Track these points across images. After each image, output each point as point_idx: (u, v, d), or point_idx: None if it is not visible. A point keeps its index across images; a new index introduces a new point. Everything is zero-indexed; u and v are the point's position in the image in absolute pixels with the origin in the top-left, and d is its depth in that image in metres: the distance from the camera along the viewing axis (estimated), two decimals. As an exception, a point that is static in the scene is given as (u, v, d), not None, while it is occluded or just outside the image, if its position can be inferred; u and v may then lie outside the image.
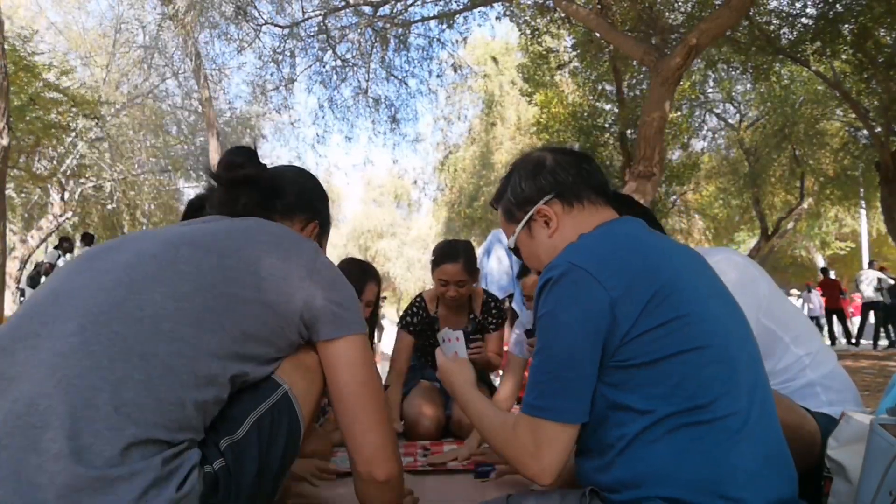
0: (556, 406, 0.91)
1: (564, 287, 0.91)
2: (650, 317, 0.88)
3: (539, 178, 1.09)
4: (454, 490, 1.69)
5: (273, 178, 1.13)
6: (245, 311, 0.87)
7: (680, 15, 8.70)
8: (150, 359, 0.78)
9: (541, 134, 12.95)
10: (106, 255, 0.91)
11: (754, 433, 0.88)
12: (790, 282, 21.85)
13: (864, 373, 5.97)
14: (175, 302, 0.83)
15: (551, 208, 1.07)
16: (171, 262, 0.87)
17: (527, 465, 0.94)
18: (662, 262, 0.94)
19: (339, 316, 0.97)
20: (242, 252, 0.92)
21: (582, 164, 1.09)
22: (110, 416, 0.73)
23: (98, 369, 0.75)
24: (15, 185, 12.39)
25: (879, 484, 0.94)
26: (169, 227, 0.98)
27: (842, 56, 8.93)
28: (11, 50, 8.91)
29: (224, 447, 0.84)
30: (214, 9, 9.57)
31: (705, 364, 0.88)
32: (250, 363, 0.88)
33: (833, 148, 12.62)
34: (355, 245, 29.87)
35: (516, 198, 1.11)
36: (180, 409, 0.78)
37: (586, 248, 0.97)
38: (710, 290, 0.98)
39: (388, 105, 10.96)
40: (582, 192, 1.07)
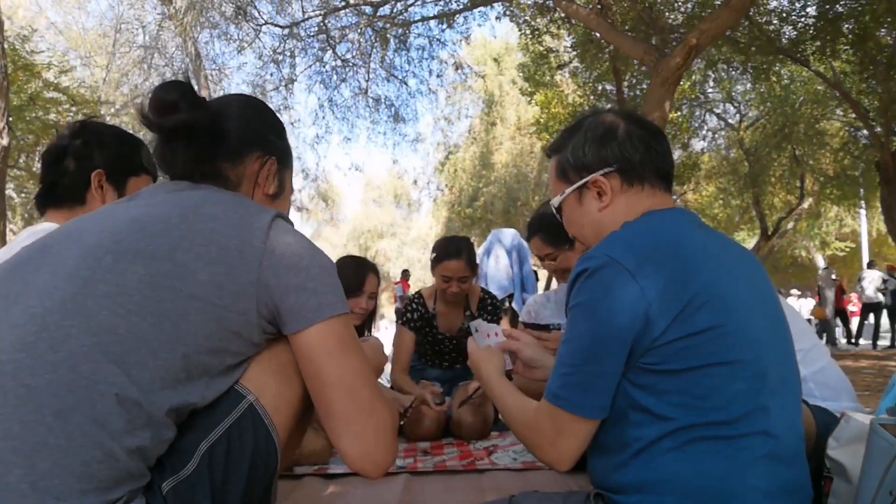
0: (575, 399, 0.90)
1: (599, 281, 0.88)
2: (684, 323, 0.84)
3: (606, 148, 1.01)
4: (454, 490, 1.69)
5: (212, 117, 0.94)
6: (183, 326, 0.75)
7: (680, 15, 8.70)
8: (69, 414, 0.67)
9: (541, 134, 12.95)
10: (22, 274, 0.77)
11: (777, 456, 0.86)
12: (790, 282, 21.86)
13: (864, 373, 5.97)
14: (93, 336, 0.70)
15: (609, 182, 1.01)
16: (88, 282, 0.74)
17: (545, 451, 0.94)
18: (706, 265, 0.90)
19: (302, 304, 0.83)
20: (177, 250, 0.78)
21: (652, 143, 1.02)
22: (27, 495, 0.64)
23: (7, 438, 0.65)
24: (15, 185, 12.39)
25: (879, 484, 0.93)
26: (98, 218, 0.84)
27: (842, 56, 8.93)
28: (11, 49, 8.91)
29: (167, 491, 0.73)
30: (214, 9, 9.58)
31: (736, 379, 0.85)
32: (199, 383, 0.77)
33: (833, 148, 12.61)
34: (355, 245, 29.88)
35: (576, 160, 1.04)
36: (112, 464, 0.68)
37: (627, 241, 0.92)
38: (752, 300, 0.93)
39: (388, 105, 10.98)
40: (646, 173, 1.01)
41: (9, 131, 6.24)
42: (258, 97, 8.02)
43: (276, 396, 0.85)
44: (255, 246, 0.82)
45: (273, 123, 1.04)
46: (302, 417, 0.93)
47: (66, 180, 1.38)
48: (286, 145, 1.06)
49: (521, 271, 4.52)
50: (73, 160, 1.36)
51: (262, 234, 0.83)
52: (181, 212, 0.83)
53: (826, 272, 12.03)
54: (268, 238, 0.83)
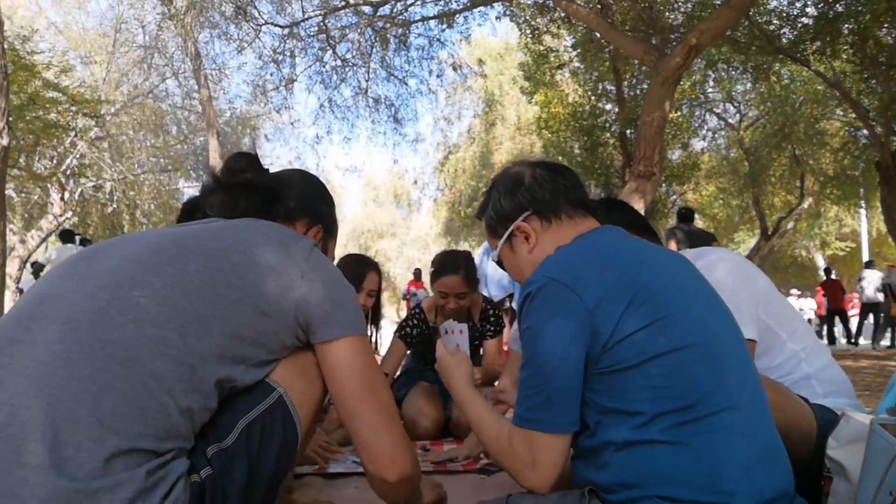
0: (544, 418, 0.93)
1: (542, 301, 0.94)
2: (629, 321, 0.89)
3: (517, 195, 1.11)
4: (454, 490, 1.69)
5: (274, 183, 1.11)
6: (233, 313, 0.85)
7: (680, 15, 8.70)
8: (133, 365, 0.76)
9: (541, 133, 12.96)
10: (92, 259, 0.89)
11: (745, 427, 0.89)
12: (790, 282, 21.86)
13: (864, 373, 5.97)
14: (158, 306, 0.81)
15: (529, 224, 1.09)
16: (156, 265, 0.85)
17: (525, 477, 0.96)
18: (638, 268, 0.96)
19: (334, 317, 0.94)
20: (232, 252, 0.89)
21: (558, 180, 1.11)
22: (92, 427, 0.72)
23: (80, 379, 0.74)
24: (15, 185, 12.39)
25: (879, 484, 0.93)
26: (159, 230, 0.97)
27: (842, 56, 8.94)
28: (11, 49, 8.91)
29: (211, 455, 0.82)
30: (214, 9, 9.59)
31: (689, 363, 0.89)
32: (239, 366, 0.86)
33: (833, 148, 12.61)
34: (355, 245, 29.88)
35: (497, 214, 1.14)
36: (165, 417, 0.77)
37: (561, 260, 0.99)
38: (691, 291, 0.99)
39: (388, 105, 10.98)
40: (560, 207, 1.09)
41: (9, 131, 6.24)
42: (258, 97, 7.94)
43: (300, 393, 0.94)
44: (299, 261, 0.94)
45: (325, 196, 1.21)
46: (314, 418, 1.00)
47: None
48: (334, 217, 1.23)
49: (521, 271, 4.51)
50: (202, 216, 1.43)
51: (305, 253, 0.96)
52: (235, 227, 0.97)
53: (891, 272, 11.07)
54: (311, 256, 0.96)
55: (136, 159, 14.86)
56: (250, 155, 1.11)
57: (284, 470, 0.92)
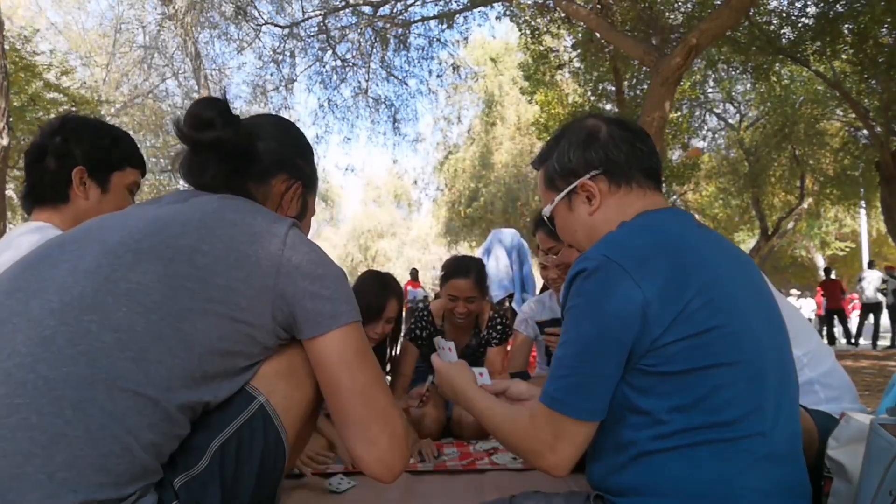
0: (574, 402, 0.89)
1: (596, 282, 0.87)
2: (685, 324, 0.84)
3: (589, 151, 1.02)
4: (454, 490, 1.69)
5: (245, 137, 0.97)
6: (199, 326, 0.76)
7: (680, 15, 8.70)
8: (87, 407, 0.67)
9: (541, 134, 12.95)
10: (40, 270, 0.78)
11: (776, 457, 0.86)
12: (790, 282, 21.86)
13: (864, 373, 5.97)
14: (113, 332, 0.71)
15: (597, 185, 1.01)
16: (108, 280, 0.74)
17: (543, 457, 0.92)
18: (704, 265, 0.89)
19: (318, 311, 0.85)
20: (196, 252, 0.79)
21: (636, 143, 1.02)
22: (44, 485, 0.64)
23: (25, 428, 0.65)
24: (15, 186, 12.39)
25: (879, 484, 0.93)
26: (120, 219, 0.86)
27: (842, 56, 8.94)
28: (12, 50, 8.91)
29: (179, 486, 0.75)
30: (214, 9, 9.58)
31: (735, 381, 0.85)
32: (212, 384, 0.78)
33: (833, 148, 12.61)
34: (355, 245, 29.88)
35: (562, 167, 1.04)
36: (129, 459, 0.69)
37: (624, 241, 0.91)
38: (751, 300, 0.93)
39: (388, 105, 10.98)
40: (632, 172, 1.00)
41: (9, 132, 6.24)
42: (258, 97, 7.88)
43: (286, 398, 0.86)
44: (273, 253, 0.84)
45: (303, 148, 1.08)
46: (308, 420, 0.94)
47: (48, 178, 1.35)
48: (313, 170, 1.09)
49: (520, 271, 4.52)
50: (54, 158, 1.33)
51: (279, 242, 0.85)
52: (201, 216, 0.84)
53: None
54: (285, 246, 0.85)
55: (136, 159, 14.86)
56: (219, 101, 0.95)
57: (269, 484, 0.85)
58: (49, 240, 0.86)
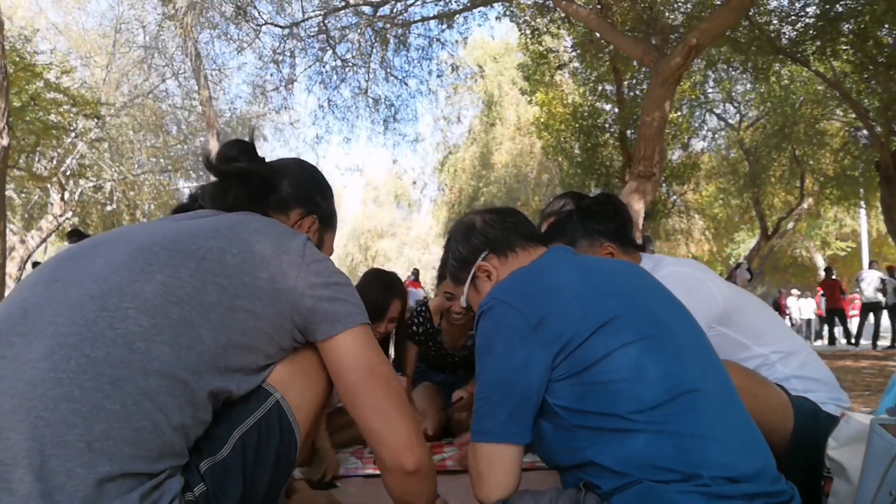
0: (486, 428, 0.97)
1: (489, 320, 1.01)
2: (578, 329, 0.93)
3: (472, 239, 1.19)
4: (454, 490, 1.69)
5: (268, 171, 1.08)
6: (226, 320, 0.83)
7: (680, 15, 8.71)
8: (124, 384, 0.73)
9: (541, 134, 12.96)
10: (76, 263, 0.84)
11: (717, 408, 0.91)
12: (790, 282, 21.86)
13: (864, 373, 5.97)
14: (149, 318, 0.77)
15: (489, 262, 1.17)
16: (145, 272, 0.81)
17: (476, 489, 1.00)
18: (585, 279, 1.01)
19: (333, 312, 0.92)
20: (226, 253, 0.87)
21: (507, 219, 1.20)
22: (83, 453, 0.69)
23: (69, 400, 0.70)
24: (15, 185, 12.40)
25: (879, 484, 0.94)
26: (149, 226, 0.93)
27: (842, 56, 8.93)
28: (11, 50, 8.91)
29: (204, 470, 0.80)
30: (214, 9, 9.59)
31: (647, 351, 0.92)
32: (235, 375, 0.84)
33: (833, 148, 12.61)
34: (355, 245, 29.88)
35: (457, 261, 1.22)
36: (159, 436, 0.74)
37: (509, 282, 1.06)
38: (641, 290, 1.03)
39: (387, 105, 10.98)
40: (513, 241, 1.17)
41: (9, 132, 6.24)
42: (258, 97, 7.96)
43: (299, 397, 0.93)
44: (294, 260, 0.92)
45: (322, 187, 1.17)
46: (317, 419, 0.99)
47: None
48: (331, 208, 1.18)
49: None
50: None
51: (299, 249, 0.94)
52: (228, 224, 0.93)
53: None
54: (304, 255, 0.94)
55: (136, 160, 14.86)
56: (244, 142, 1.07)
57: (282, 476, 0.90)
58: (82, 241, 0.94)
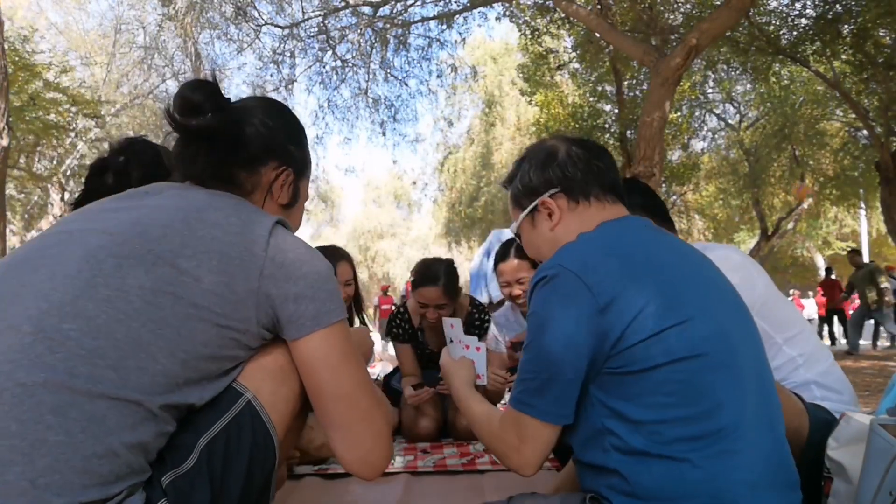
0: (536, 404, 0.93)
1: (553, 289, 0.92)
2: (642, 324, 0.86)
3: (548, 170, 1.08)
4: (454, 490, 1.69)
5: (234, 123, 0.95)
6: (182, 333, 0.76)
7: (680, 15, 8.71)
8: (68, 411, 0.67)
9: (541, 134, 12.96)
10: (18, 275, 0.77)
11: (756, 441, 0.87)
12: (790, 282, 21.85)
13: (864, 373, 5.97)
14: (93, 339, 0.70)
15: (556, 202, 1.06)
16: (89, 285, 0.73)
17: (510, 458, 0.97)
18: (660, 267, 0.93)
19: (301, 313, 0.85)
20: (178, 257, 0.78)
21: (593, 160, 1.07)
22: (26, 492, 0.63)
23: (6, 437, 0.64)
24: (15, 185, 12.40)
25: (879, 484, 0.94)
26: (99, 216, 0.85)
27: (841, 56, 8.93)
28: (11, 50, 8.91)
29: (167, 484, 0.74)
30: (214, 9, 9.58)
31: (702, 372, 0.86)
32: (196, 386, 0.78)
33: (833, 148, 12.61)
34: (355, 245, 29.87)
35: (524, 186, 1.11)
36: (113, 459, 0.68)
37: (580, 250, 0.96)
38: (711, 293, 0.95)
39: (387, 106, 10.98)
40: (590, 189, 1.05)
41: (9, 132, 6.24)
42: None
43: (273, 394, 0.86)
44: (257, 254, 0.83)
45: (294, 132, 1.05)
46: (298, 414, 0.94)
47: (103, 193, 1.42)
48: (305, 155, 1.07)
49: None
50: (113, 175, 1.37)
51: (262, 241, 0.84)
52: (184, 216, 0.83)
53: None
54: (268, 246, 0.85)
55: (136, 160, 14.84)
56: (208, 85, 0.93)
57: (260, 479, 0.85)
58: (30, 241, 0.85)
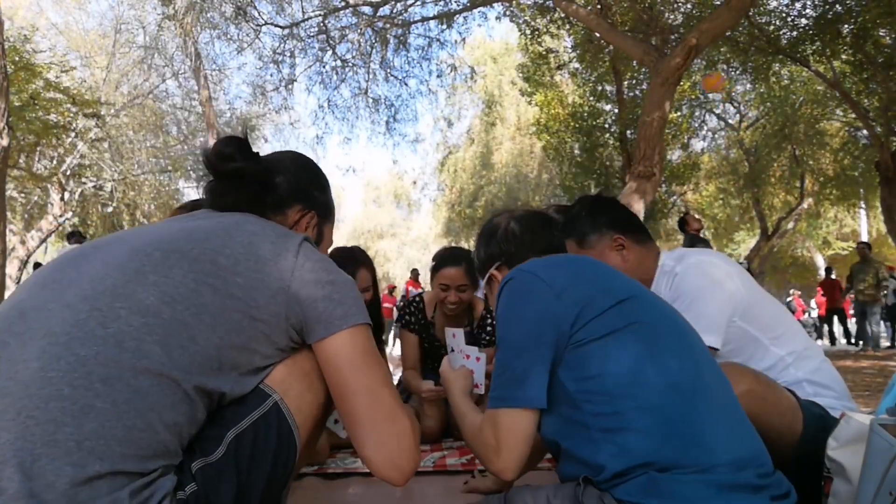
0: (508, 395, 0.98)
1: (513, 288, 1.04)
2: (595, 303, 0.97)
3: (490, 247, 1.26)
4: (454, 490, 1.69)
5: (264, 170, 1.06)
6: (220, 321, 0.82)
7: (680, 15, 8.71)
8: (115, 382, 0.73)
9: (541, 134, 12.97)
10: (75, 265, 0.85)
11: (710, 395, 0.94)
12: (790, 282, 21.85)
13: (864, 373, 5.97)
14: (141, 317, 0.77)
15: (500, 273, 1.23)
16: (138, 272, 0.81)
17: (491, 461, 1.00)
18: (600, 273, 1.07)
19: (328, 312, 0.91)
20: (219, 255, 0.86)
21: (525, 234, 1.24)
22: (72, 452, 0.69)
23: (58, 399, 0.70)
24: (15, 185, 12.40)
25: (879, 484, 0.94)
26: (148, 228, 0.94)
27: (841, 56, 8.95)
28: (11, 49, 8.92)
29: (196, 470, 0.79)
30: (214, 9, 9.58)
31: (656, 336, 0.96)
32: (229, 375, 0.84)
33: (833, 148, 12.62)
34: (355, 245, 29.86)
35: (479, 260, 1.30)
36: (151, 435, 0.74)
37: (533, 262, 1.11)
38: (648, 294, 1.08)
39: (387, 105, 10.98)
40: (526, 256, 1.20)
41: (9, 131, 6.24)
42: (258, 98, 7.97)
43: (298, 398, 0.91)
44: (289, 259, 0.91)
45: (318, 181, 1.17)
46: (318, 423, 0.98)
47: None
48: (328, 200, 1.18)
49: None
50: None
51: (294, 249, 0.93)
52: (224, 226, 0.93)
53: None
54: (299, 254, 0.93)
55: (136, 160, 14.86)
56: (239, 139, 1.05)
57: (280, 480, 0.88)
58: (85, 243, 0.95)
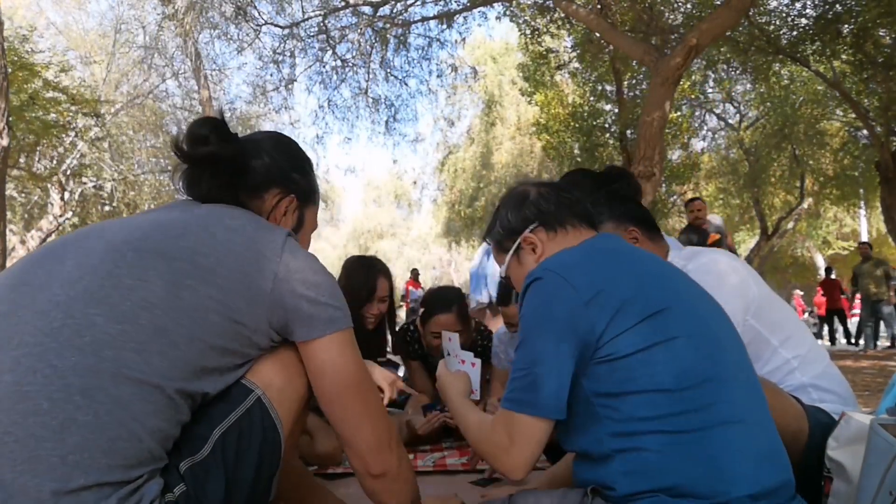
0: (528, 399, 0.95)
1: (538, 289, 0.99)
2: (627, 315, 0.91)
3: (523, 209, 1.18)
4: (454, 490, 1.69)
5: (240, 153, 1.01)
6: (199, 324, 0.80)
7: (680, 15, 8.71)
8: (95, 394, 0.71)
9: (541, 134, 12.95)
10: (45, 265, 0.81)
11: (745, 420, 0.90)
12: (790, 282, 21.83)
13: (864, 373, 5.97)
14: (118, 324, 0.75)
15: (536, 235, 1.15)
16: (113, 276, 0.78)
17: (500, 460, 0.98)
18: (636, 269, 1.01)
19: (312, 315, 0.89)
20: (197, 254, 0.83)
21: (562, 194, 1.18)
22: (56, 467, 0.67)
23: (37, 414, 0.68)
24: (15, 185, 12.39)
25: (879, 484, 0.94)
26: (121, 223, 0.89)
27: (841, 56, 8.93)
28: (11, 49, 8.91)
29: (184, 470, 0.79)
30: (214, 9, 9.57)
31: (689, 351, 0.91)
32: (210, 376, 0.82)
33: (833, 148, 12.61)
34: (355, 245, 29.89)
35: (504, 229, 1.20)
36: (135, 444, 0.72)
37: (560, 256, 1.04)
38: (685, 289, 1.02)
39: (387, 105, 10.97)
40: (564, 217, 1.15)
41: (9, 131, 6.24)
42: (258, 97, 7.87)
43: (280, 392, 0.90)
44: (271, 259, 0.88)
45: (298, 162, 1.11)
46: (300, 417, 0.97)
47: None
48: (310, 183, 1.13)
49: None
50: None
51: (277, 248, 0.89)
52: (202, 221, 0.89)
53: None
54: (282, 253, 0.89)
55: (136, 159, 14.85)
56: (214, 120, 0.99)
57: (269, 472, 0.89)
58: (53, 240, 0.91)
